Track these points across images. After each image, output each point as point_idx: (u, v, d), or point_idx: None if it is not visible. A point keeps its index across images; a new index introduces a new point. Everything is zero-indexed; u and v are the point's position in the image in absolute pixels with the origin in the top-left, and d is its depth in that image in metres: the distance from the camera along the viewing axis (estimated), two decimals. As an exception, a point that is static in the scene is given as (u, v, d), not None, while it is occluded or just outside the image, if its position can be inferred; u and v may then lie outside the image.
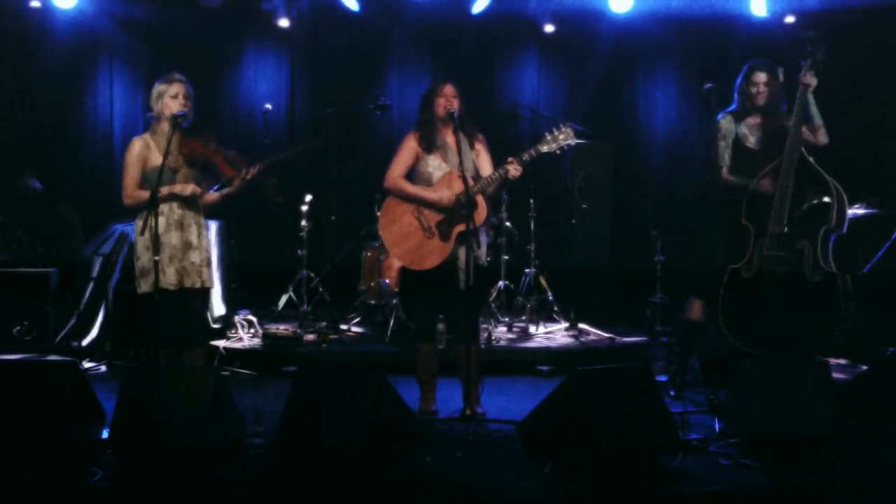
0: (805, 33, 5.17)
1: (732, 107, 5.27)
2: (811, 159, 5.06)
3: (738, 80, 5.26)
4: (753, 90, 5.17)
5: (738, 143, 5.18)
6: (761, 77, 5.16)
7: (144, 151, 4.75)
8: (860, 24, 7.51)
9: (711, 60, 7.72)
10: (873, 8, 7.39)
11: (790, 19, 7.80)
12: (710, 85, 5.16)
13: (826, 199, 5.01)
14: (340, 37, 8.33)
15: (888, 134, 7.63)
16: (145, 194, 4.64)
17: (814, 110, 5.11)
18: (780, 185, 4.99)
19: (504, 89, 8.50)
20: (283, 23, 8.00)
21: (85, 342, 6.31)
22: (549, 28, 8.17)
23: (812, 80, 5.05)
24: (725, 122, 5.21)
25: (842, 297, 4.93)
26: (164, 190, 4.67)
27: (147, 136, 4.82)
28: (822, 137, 5.16)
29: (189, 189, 4.76)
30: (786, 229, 5.00)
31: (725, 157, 5.18)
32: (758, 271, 5.04)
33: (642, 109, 8.56)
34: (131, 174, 4.73)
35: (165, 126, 4.76)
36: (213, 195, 4.96)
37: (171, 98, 4.76)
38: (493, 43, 8.44)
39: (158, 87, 4.81)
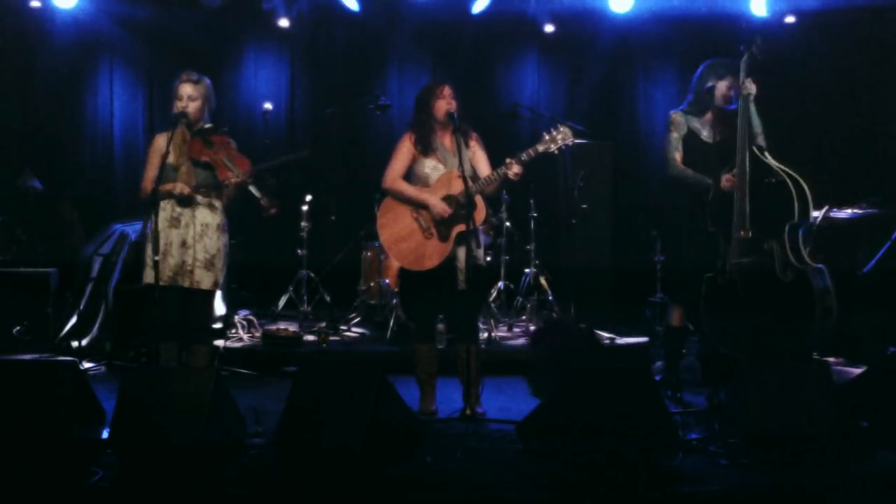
0: (749, 36, 5.11)
1: (684, 104, 5.26)
2: (762, 157, 4.98)
3: (700, 78, 5.22)
4: (726, 92, 5.13)
5: (691, 136, 5.17)
6: (728, 81, 5.13)
7: (163, 148, 4.75)
8: (860, 24, 7.51)
9: (711, 61, 7.73)
10: (873, 8, 7.39)
11: (790, 19, 7.81)
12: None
13: (786, 193, 4.89)
14: (340, 37, 8.34)
15: (888, 134, 7.63)
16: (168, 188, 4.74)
17: (754, 118, 5.06)
18: (736, 191, 4.95)
19: (504, 89, 8.50)
20: (283, 23, 8.01)
21: (85, 342, 6.30)
22: (549, 28, 8.17)
23: (752, 88, 4.98)
24: (677, 116, 5.23)
25: (816, 293, 4.85)
26: (167, 188, 4.72)
27: (168, 134, 4.82)
28: (761, 143, 5.08)
29: (178, 188, 4.76)
30: (750, 233, 4.96)
31: (679, 147, 5.17)
32: (732, 278, 5.02)
33: (642, 109, 8.56)
34: (147, 169, 4.81)
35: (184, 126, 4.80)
36: (227, 192, 4.92)
37: (177, 99, 4.81)
38: (493, 43, 8.44)
39: (177, 85, 4.84)
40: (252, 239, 7.71)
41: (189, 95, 4.80)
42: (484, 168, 4.89)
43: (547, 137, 4.72)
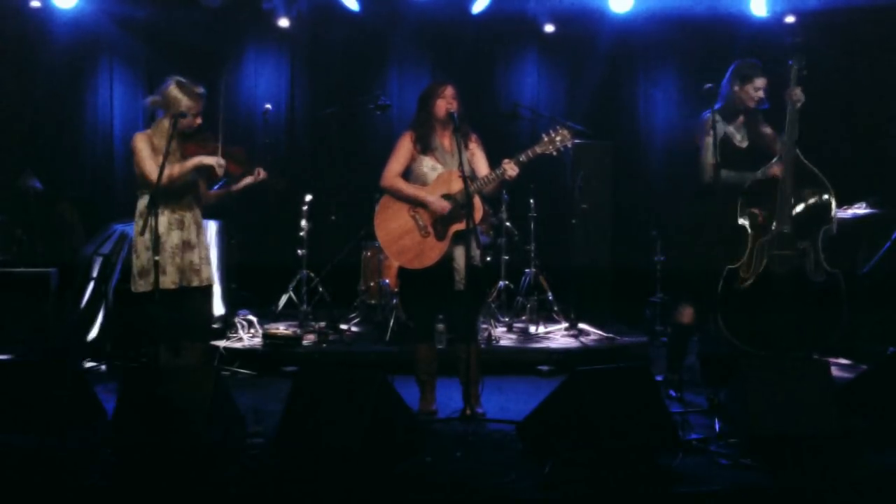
0: (791, 39, 5.16)
1: (718, 105, 5.20)
2: (805, 160, 5.09)
3: (729, 81, 5.22)
4: (753, 94, 5.15)
5: (725, 141, 5.17)
6: (761, 82, 5.16)
7: (152, 145, 4.72)
8: (860, 24, 7.51)
9: (711, 60, 7.69)
10: (873, 8, 7.39)
11: (790, 19, 7.80)
12: (710, 85, 5.15)
13: (825, 198, 5.07)
14: (340, 37, 8.34)
15: (888, 134, 7.63)
16: (172, 170, 4.61)
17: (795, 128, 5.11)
18: (780, 187, 5.02)
19: (504, 89, 8.50)
20: (283, 23, 8.01)
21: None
22: (549, 28, 8.17)
23: (801, 96, 5.06)
24: (716, 116, 5.14)
25: (844, 295, 5.00)
26: (195, 161, 4.66)
27: (150, 133, 4.79)
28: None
29: (213, 160, 4.68)
30: (789, 229, 5.03)
31: (716, 153, 5.12)
32: (759, 271, 5.05)
33: (642, 109, 8.56)
34: (147, 162, 4.64)
35: (166, 124, 4.73)
36: (214, 192, 4.96)
37: (190, 101, 4.73)
38: (493, 43, 8.44)
39: (176, 92, 4.72)
40: (252, 239, 7.71)
41: (201, 107, 4.80)
42: (482, 168, 4.89)
43: (545, 139, 4.73)
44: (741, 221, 5.09)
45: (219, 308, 6.67)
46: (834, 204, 5.08)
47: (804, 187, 5.08)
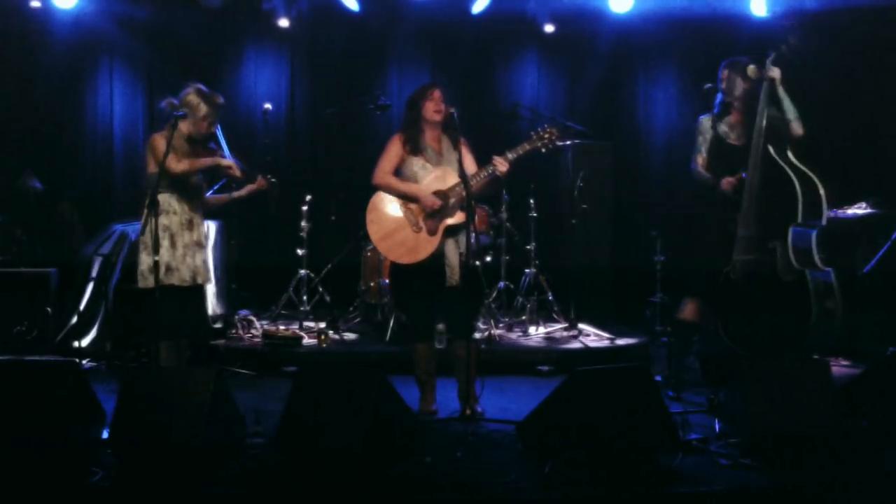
0: (780, 22, 5.20)
1: (716, 108, 5.32)
2: (774, 155, 5.01)
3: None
4: (721, 86, 5.25)
5: (719, 140, 5.19)
6: (723, 73, 5.24)
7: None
8: (860, 24, 7.51)
9: (712, 60, 7.63)
10: (873, 8, 7.39)
11: (790, 19, 7.80)
12: (710, 85, 5.18)
13: (792, 194, 4.94)
14: (340, 37, 8.34)
15: (888, 134, 7.63)
16: (180, 165, 4.74)
17: (786, 103, 5.07)
18: (746, 187, 4.99)
19: (504, 89, 8.50)
20: (283, 23, 8.01)
21: (85, 342, 6.31)
22: (549, 28, 8.17)
23: (775, 74, 5.03)
24: (705, 120, 5.27)
25: (813, 295, 4.91)
26: (211, 160, 4.82)
27: (165, 133, 4.80)
28: (797, 129, 5.10)
29: (230, 161, 4.88)
30: (752, 231, 5.00)
31: (703, 151, 5.23)
32: (735, 275, 5.05)
33: (642, 109, 8.56)
34: (172, 156, 4.68)
35: (182, 127, 4.78)
36: (222, 197, 5.17)
37: (211, 108, 4.84)
38: (493, 43, 8.45)
39: (196, 100, 4.81)
40: (252, 239, 7.72)
41: (218, 115, 4.86)
42: (471, 168, 4.91)
43: (534, 136, 4.78)
44: (731, 227, 5.10)
45: (219, 308, 6.68)
46: (801, 200, 4.92)
47: (774, 184, 5.00)
